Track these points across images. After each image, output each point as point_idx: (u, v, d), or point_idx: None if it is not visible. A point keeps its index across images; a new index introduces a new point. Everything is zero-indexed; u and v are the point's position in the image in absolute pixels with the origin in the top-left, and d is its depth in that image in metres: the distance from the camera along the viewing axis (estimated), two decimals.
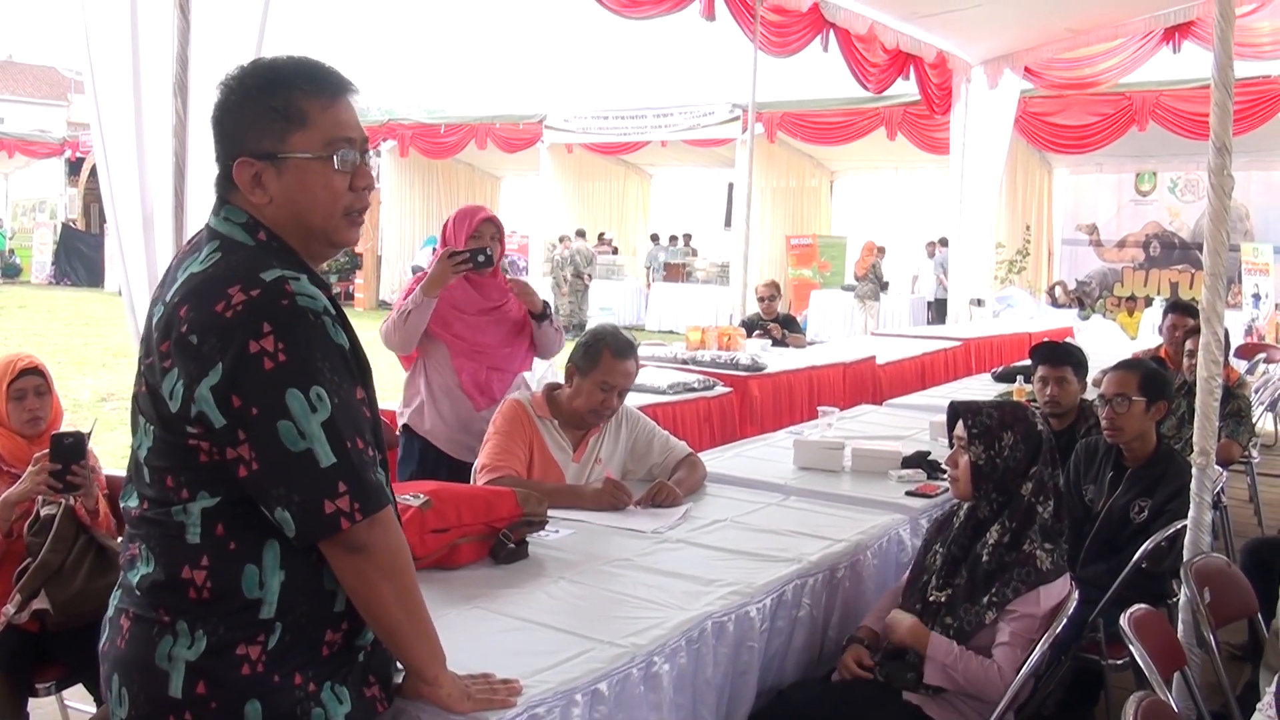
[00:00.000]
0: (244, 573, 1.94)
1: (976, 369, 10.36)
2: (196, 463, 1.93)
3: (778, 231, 22.75)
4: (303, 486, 1.87)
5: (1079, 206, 20.20)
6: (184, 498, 1.94)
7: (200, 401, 1.87)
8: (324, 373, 1.89)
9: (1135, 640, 2.93)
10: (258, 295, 1.88)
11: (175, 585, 1.95)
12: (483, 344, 4.83)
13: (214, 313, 1.87)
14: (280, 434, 1.85)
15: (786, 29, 10.48)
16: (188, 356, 1.89)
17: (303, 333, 1.88)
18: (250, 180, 2.02)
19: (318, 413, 1.86)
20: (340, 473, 1.88)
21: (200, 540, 1.94)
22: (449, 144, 24.19)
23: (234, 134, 2.03)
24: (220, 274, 1.93)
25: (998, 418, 3.38)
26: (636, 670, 2.64)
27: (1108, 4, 11.55)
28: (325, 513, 1.87)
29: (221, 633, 1.93)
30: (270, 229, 2.04)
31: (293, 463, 1.86)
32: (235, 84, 2.05)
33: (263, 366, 1.84)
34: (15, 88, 55.37)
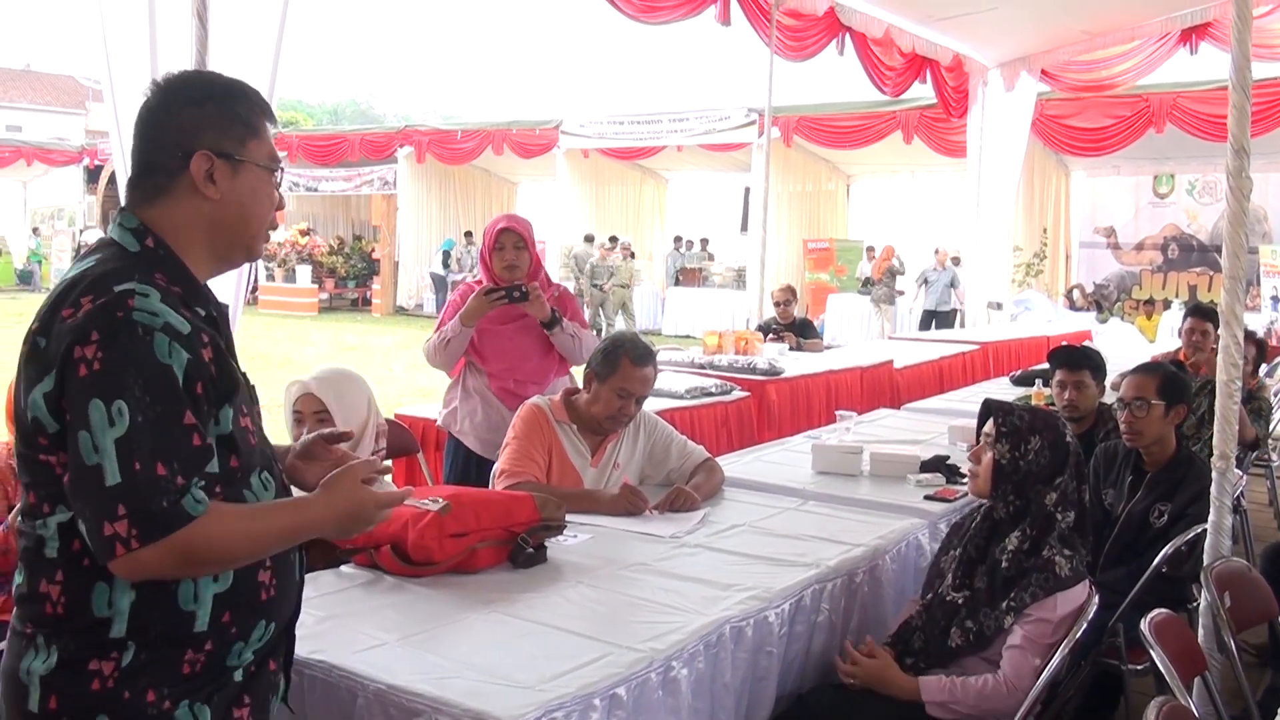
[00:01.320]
0: (94, 590, 1.89)
1: (994, 373, 10.35)
2: (52, 476, 1.90)
3: (794, 235, 22.73)
4: (89, 502, 1.82)
5: (1096, 209, 20.13)
6: (45, 512, 1.92)
7: (33, 407, 1.88)
8: (132, 389, 1.81)
9: (1155, 645, 2.91)
10: (101, 304, 1.85)
11: (36, 598, 1.93)
12: (513, 353, 4.93)
13: (62, 318, 1.87)
14: (80, 444, 1.81)
15: (802, 33, 10.48)
16: (33, 361, 1.89)
17: (124, 345, 1.83)
18: (204, 174, 2.03)
19: (114, 427, 1.79)
20: (122, 495, 1.79)
21: (57, 555, 1.91)
22: (465, 150, 24.27)
23: (191, 129, 2.03)
24: (81, 282, 1.91)
25: (1028, 420, 3.37)
26: (655, 675, 2.64)
27: (1124, 6, 11.52)
28: (104, 534, 1.80)
29: (72, 649, 1.90)
30: (162, 237, 2.03)
31: (85, 476, 1.81)
32: (192, 85, 2.11)
33: (78, 373, 1.82)
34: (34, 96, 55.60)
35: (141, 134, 2.07)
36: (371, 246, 27.81)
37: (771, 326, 9.78)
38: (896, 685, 3.19)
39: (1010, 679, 3.11)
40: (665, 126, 21.23)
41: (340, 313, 26.30)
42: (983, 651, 3.22)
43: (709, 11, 9.22)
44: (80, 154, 31.98)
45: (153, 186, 2.05)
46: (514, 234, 4.87)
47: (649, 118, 21.72)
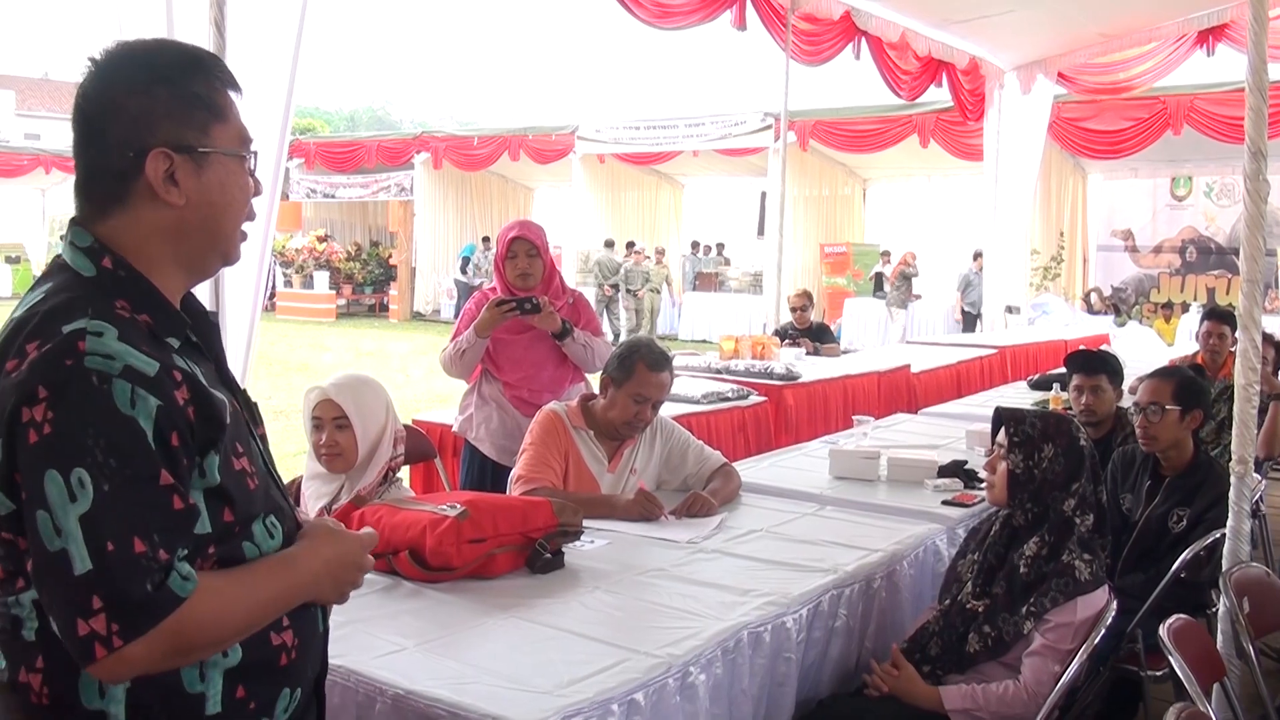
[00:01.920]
0: (80, 679, 1.60)
1: (1012, 376, 10.31)
2: (17, 551, 1.59)
3: (811, 240, 22.71)
4: (57, 597, 1.51)
5: (1114, 212, 20.07)
6: (18, 588, 1.61)
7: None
8: (93, 452, 1.50)
9: (1174, 651, 2.90)
10: (46, 351, 1.54)
11: (17, 688, 1.64)
12: (527, 362, 4.95)
13: (5, 371, 1.56)
14: (39, 526, 1.49)
15: (818, 37, 10.48)
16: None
17: (77, 400, 1.51)
18: (163, 176, 1.69)
19: (77, 503, 1.48)
20: (96, 584, 1.48)
21: (36, 638, 1.61)
22: (482, 156, 24.31)
23: (141, 122, 1.68)
24: (28, 323, 1.60)
25: (1040, 428, 3.36)
26: (673, 680, 2.64)
27: (1140, 8, 11.48)
28: (79, 634, 1.49)
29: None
30: (122, 255, 1.70)
31: (49, 565, 1.50)
32: (136, 64, 1.73)
33: (28, 440, 1.51)
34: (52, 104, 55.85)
35: (83, 132, 1.73)
36: (389, 252, 27.89)
37: (788, 331, 9.77)
38: (918, 695, 3.19)
39: (1030, 685, 3.10)
40: (681, 131, 21.24)
41: (357, 318, 26.38)
42: (1001, 657, 3.21)
43: (724, 16, 9.23)
44: None
45: (103, 195, 1.72)
46: (526, 242, 4.87)
47: (665, 123, 21.75)
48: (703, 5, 8.97)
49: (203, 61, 1.77)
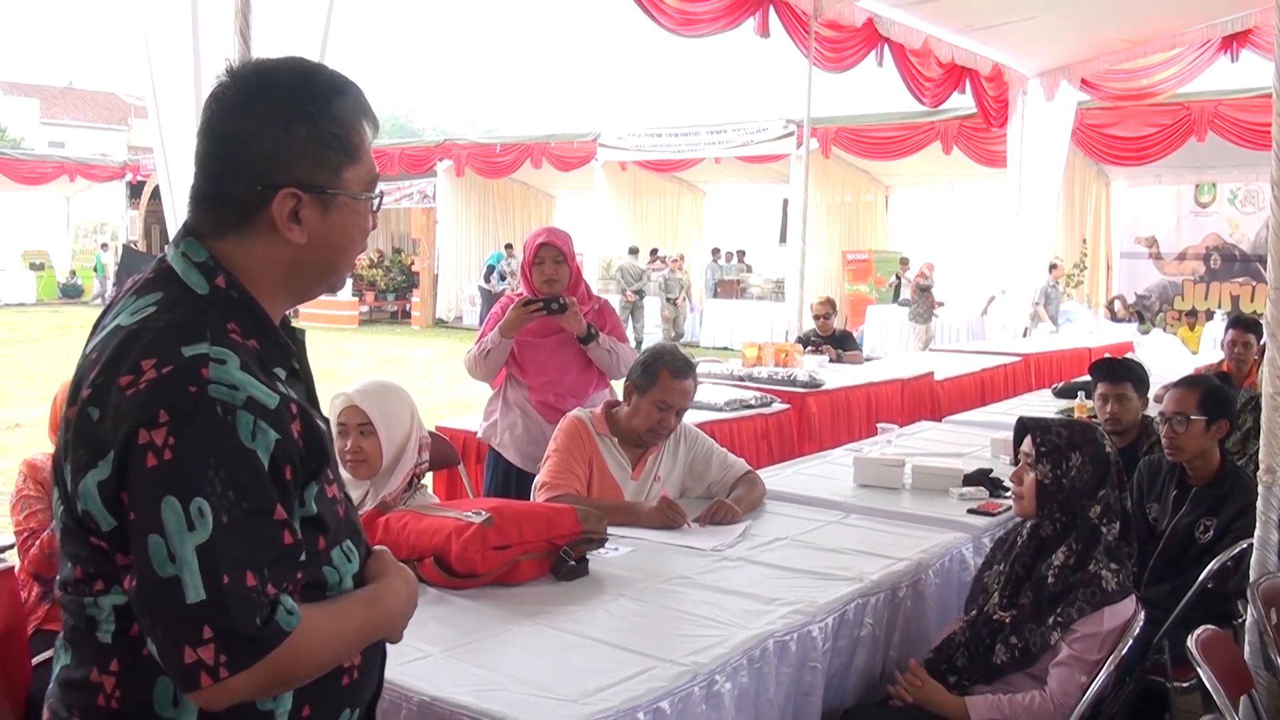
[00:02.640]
0: (156, 686, 1.59)
1: (1036, 384, 10.27)
2: (104, 557, 1.58)
3: (833, 247, 22.70)
4: (165, 622, 1.50)
5: (1137, 219, 20.00)
6: (97, 590, 1.61)
7: (84, 498, 1.55)
8: (214, 483, 1.49)
9: (1202, 662, 2.89)
10: (167, 374, 1.52)
11: (85, 687, 1.63)
12: (552, 366, 4.95)
13: (120, 387, 1.53)
14: (150, 550, 1.48)
15: (841, 45, 10.47)
16: (83, 436, 1.56)
17: (201, 429, 1.50)
18: (289, 214, 1.67)
19: (195, 532, 1.47)
20: (208, 615, 1.47)
21: (112, 641, 1.61)
22: (504, 163, 24.35)
23: (274, 158, 1.66)
24: (142, 337, 1.57)
25: (1066, 437, 3.34)
26: (698, 689, 2.64)
27: (1164, 14, 11.45)
28: (185, 662, 1.48)
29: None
30: (235, 274, 1.69)
31: (159, 590, 1.48)
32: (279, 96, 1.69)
33: (145, 463, 1.49)
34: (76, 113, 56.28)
35: (213, 150, 1.70)
36: (411, 259, 27.97)
37: (811, 338, 9.76)
38: (943, 705, 3.18)
39: (1056, 696, 3.09)
40: (703, 138, 21.24)
41: (380, 325, 26.45)
42: (1029, 668, 3.20)
43: (747, 24, 9.23)
44: (123, 170, 32.34)
45: (223, 218, 1.69)
46: (554, 248, 4.88)
47: (687, 130, 21.76)
48: (726, 12, 8.98)
49: (345, 95, 1.74)
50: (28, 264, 31.73)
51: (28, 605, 3.71)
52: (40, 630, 3.70)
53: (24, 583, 3.72)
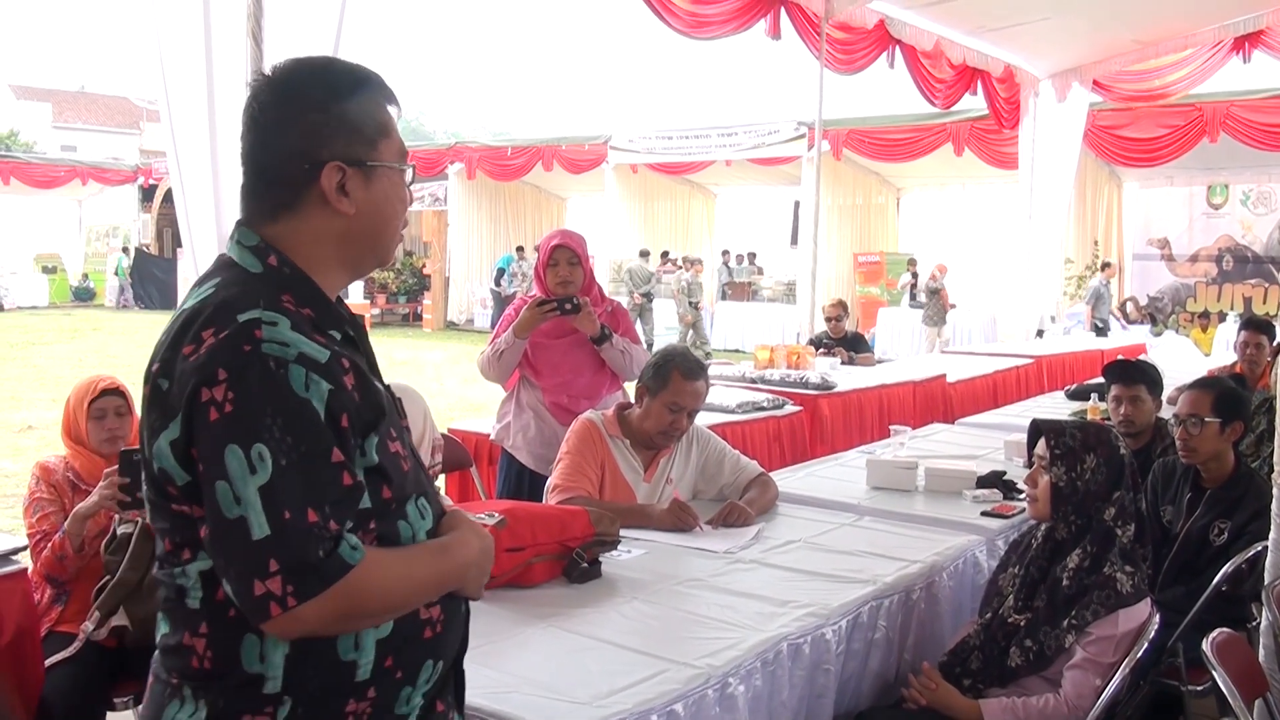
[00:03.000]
0: (243, 643, 1.72)
1: (1049, 386, 10.26)
2: (188, 523, 1.73)
3: (844, 249, 22.67)
4: (234, 559, 1.64)
5: (1150, 220, 19.95)
6: (184, 559, 1.75)
7: (159, 457, 1.70)
8: (271, 430, 1.63)
9: (1218, 666, 2.87)
10: (224, 337, 1.66)
11: (180, 651, 1.77)
12: (565, 367, 4.95)
13: (183, 355, 1.68)
14: (218, 496, 1.62)
15: (852, 46, 10.47)
16: (155, 404, 1.72)
17: (256, 382, 1.64)
18: (336, 187, 1.82)
19: (256, 475, 1.61)
20: (273, 548, 1.61)
21: (200, 606, 1.74)
22: (515, 166, 24.38)
23: (317, 137, 1.82)
24: (203, 313, 1.72)
25: (1081, 439, 3.33)
26: (712, 691, 2.63)
27: (1176, 15, 11.44)
28: (255, 594, 1.61)
29: (221, 705, 1.74)
30: (287, 254, 1.84)
31: (227, 531, 1.63)
32: (314, 84, 1.85)
33: (208, 418, 1.63)
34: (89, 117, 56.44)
35: (258, 141, 1.85)
36: (423, 262, 28.00)
37: (823, 341, 9.75)
38: (957, 708, 3.17)
39: (1071, 698, 3.08)
40: (714, 141, 21.21)
41: (391, 327, 26.47)
42: (1043, 671, 3.19)
43: (759, 26, 9.23)
44: (135, 173, 32.44)
45: (274, 200, 1.84)
46: (568, 250, 4.89)
47: (697, 132, 21.73)
48: (737, 15, 8.98)
49: (371, 80, 1.90)
50: (40, 267, 31.83)
51: (40, 607, 3.72)
52: (53, 632, 3.71)
53: (37, 585, 3.73)
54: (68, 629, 3.71)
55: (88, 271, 32.90)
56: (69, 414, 3.94)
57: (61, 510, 3.79)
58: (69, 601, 3.79)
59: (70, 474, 3.88)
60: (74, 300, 31.29)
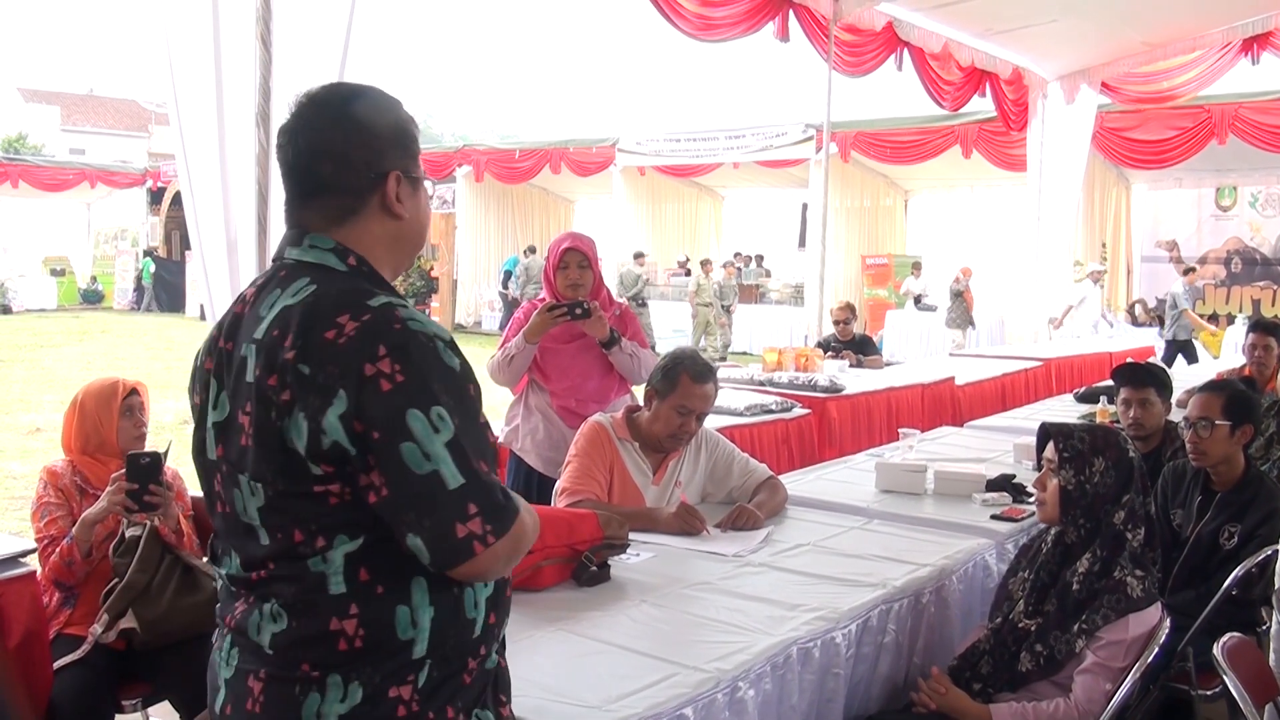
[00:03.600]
0: (396, 615, 1.86)
1: (1057, 389, 10.25)
2: (328, 507, 1.84)
3: (852, 251, 22.64)
4: (432, 510, 1.79)
5: (1158, 222, 19.90)
6: (319, 546, 1.85)
7: (331, 431, 1.79)
8: (440, 395, 1.81)
9: (1229, 671, 2.87)
10: (369, 320, 1.81)
11: (321, 639, 1.85)
12: (574, 371, 4.95)
13: (326, 340, 1.81)
14: (405, 456, 1.77)
15: (860, 49, 10.45)
16: (304, 388, 1.80)
17: (417, 354, 1.81)
18: (394, 196, 2.01)
19: (440, 433, 1.78)
20: (470, 493, 1.80)
21: (346, 589, 1.85)
22: (523, 169, 24.40)
23: (380, 149, 2.00)
24: (322, 303, 1.86)
25: (1089, 442, 3.32)
26: (721, 696, 2.63)
27: (1184, 17, 11.42)
28: (458, 536, 1.79)
29: (377, 680, 1.85)
30: (360, 254, 1.99)
31: (420, 486, 1.78)
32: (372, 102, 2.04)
33: (380, 388, 1.77)
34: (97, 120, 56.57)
35: (320, 153, 1.99)
36: (430, 265, 28.00)
37: (831, 343, 9.74)
38: (967, 712, 3.16)
39: (1081, 703, 3.07)
40: (722, 143, 21.21)
41: None
42: (1053, 675, 3.18)
43: (767, 28, 9.22)
44: (143, 176, 32.48)
45: (338, 207, 2.00)
46: (578, 253, 4.89)
47: (705, 135, 21.73)
48: (745, 17, 8.97)
49: (398, 103, 2.08)
50: (49, 270, 31.86)
51: (49, 610, 3.72)
52: (61, 635, 3.71)
53: (45, 588, 3.73)
54: (76, 631, 3.72)
55: (96, 274, 32.93)
56: (86, 419, 3.93)
57: (69, 514, 3.79)
58: (77, 604, 3.79)
59: (78, 478, 3.87)
60: (82, 303, 31.31)
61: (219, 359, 1.98)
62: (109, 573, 3.75)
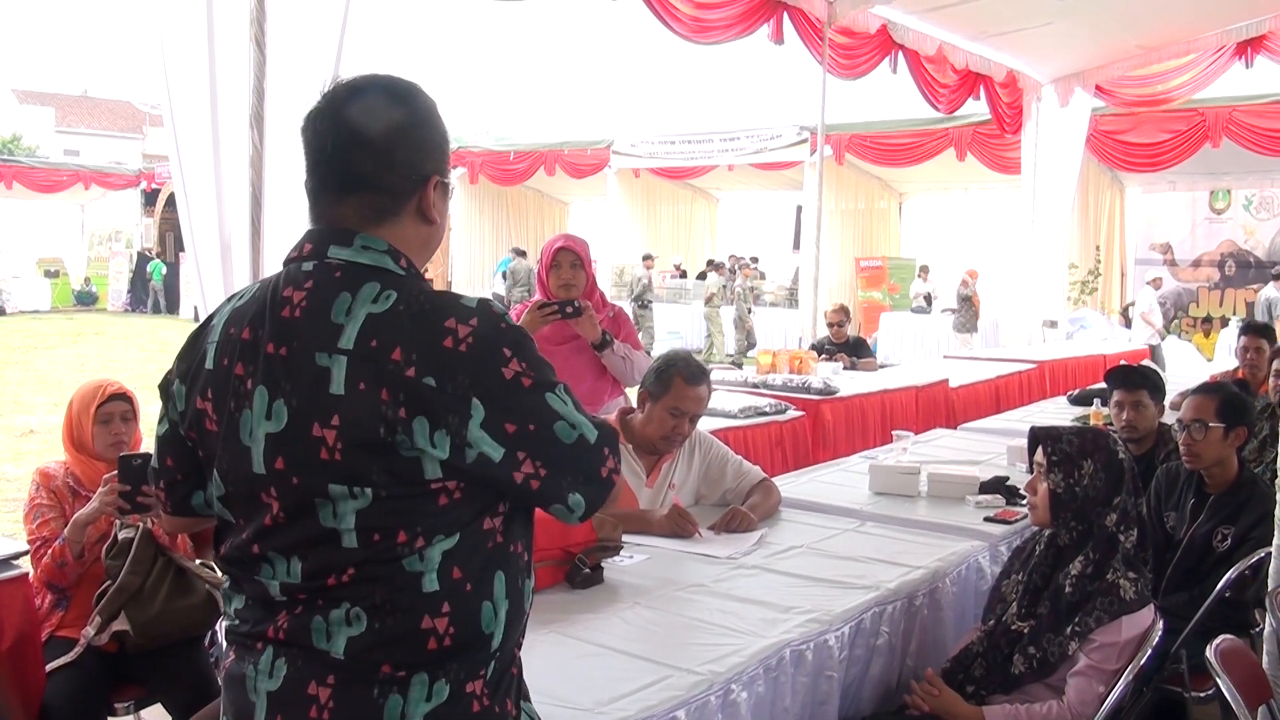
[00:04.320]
0: (482, 611, 1.88)
1: (1051, 392, 10.26)
2: (436, 507, 1.84)
3: (847, 253, 22.66)
4: (588, 466, 1.93)
5: (1152, 225, 19.92)
6: (419, 546, 1.83)
7: (478, 443, 1.81)
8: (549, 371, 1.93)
9: (1222, 673, 2.87)
10: (479, 324, 1.84)
11: (410, 639, 1.83)
12: (566, 373, 4.90)
13: (444, 349, 1.81)
14: (559, 434, 1.88)
15: (855, 51, 10.47)
16: (433, 403, 1.79)
17: (528, 346, 1.90)
18: (430, 200, 1.99)
19: (569, 405, 1.91)
20: (605, 441, 1.95)
21: (439, 587, 1.84)
22: (518, 171, 24.42)
23: (426, 152, 1.99)
24: (419, 309, 1.85)
25: (1078, 445, 3.33)
26: (714, 698, 2.63)
27: (1178, 20, 11.44)
28: (604, 476, 1.94)
29: (462, 676, 1.87)
30: (408, 256, 1.97)
31: (575, 451, 1.90)
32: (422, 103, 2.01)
33: (522, 386, 1.85)
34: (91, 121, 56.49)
35: (360, 147, 1.93)
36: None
37: (825, 346, 9.75)
38: (960, 714, 3.16)
39: (1074, 705, 3.07)
40: (716, 146, 21.21)
41: None
42: (1047, 678, 3.18)
43: (761, 31, 9.23)
44: (138, 177, 32.47)
45: (375, 206, 1.95)
46: (571, 253, 4.88)
47: (700, 137, 21.72)
48: (740, 19, 8.98)
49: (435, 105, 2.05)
50: (43, 271, 31.82)
51: (41, 612, 3.71)
52: (54, 637, 3.70)
53: (37, 590, 3.73)
54: (68, 634, 3.71)
55: (90, 275, 32.90)
56: (72, 419, 3.93)
57: (62, 516, 3.78)
58: (70, 606, 3.78)
59: (70, 480, 3.86)
60: (76, 304, 31.28)
61: (266, 365, 1.87)
62: (101, 575, 3.74)
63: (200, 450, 1.97)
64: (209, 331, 2.00)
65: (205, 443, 1.95)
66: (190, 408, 1.97)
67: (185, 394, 1.99)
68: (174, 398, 2.03)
